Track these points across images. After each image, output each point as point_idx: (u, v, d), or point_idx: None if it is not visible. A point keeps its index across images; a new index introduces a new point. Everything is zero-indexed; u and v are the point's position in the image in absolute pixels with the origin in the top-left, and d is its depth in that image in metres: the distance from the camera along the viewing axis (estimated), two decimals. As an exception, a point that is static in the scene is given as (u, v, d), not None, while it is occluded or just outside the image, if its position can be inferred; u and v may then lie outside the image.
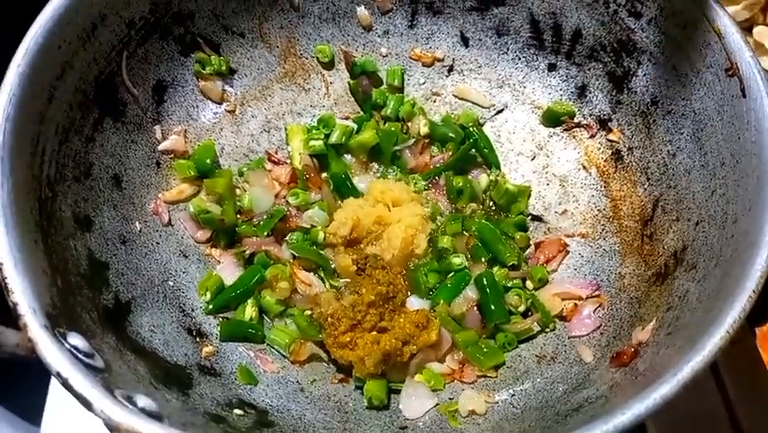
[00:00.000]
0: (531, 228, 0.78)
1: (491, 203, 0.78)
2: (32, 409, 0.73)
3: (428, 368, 0.69)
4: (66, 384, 0.44)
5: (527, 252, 0.77)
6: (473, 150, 0.80)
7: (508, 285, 0.72)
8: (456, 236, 0.75)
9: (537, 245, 0.76)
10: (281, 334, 0.70)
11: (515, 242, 0.76)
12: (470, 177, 0.79)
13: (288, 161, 0.79)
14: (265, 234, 0.74)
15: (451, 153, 0.80)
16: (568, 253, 0.75)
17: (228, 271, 0.73)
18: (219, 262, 0.74)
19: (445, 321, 0.70)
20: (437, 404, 0.67)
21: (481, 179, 0.79)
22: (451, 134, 0.80)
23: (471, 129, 0.81)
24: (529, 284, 0.73)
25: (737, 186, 0.59)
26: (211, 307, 0.70)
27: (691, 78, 0.66)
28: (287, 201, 0.76)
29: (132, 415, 0.43)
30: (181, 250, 0.72)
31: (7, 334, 0.45)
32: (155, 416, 0.47)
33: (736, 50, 0.61)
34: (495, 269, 0.73)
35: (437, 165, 0.79)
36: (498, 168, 0.80)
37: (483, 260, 0.74)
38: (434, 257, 0.74)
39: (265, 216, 0.75)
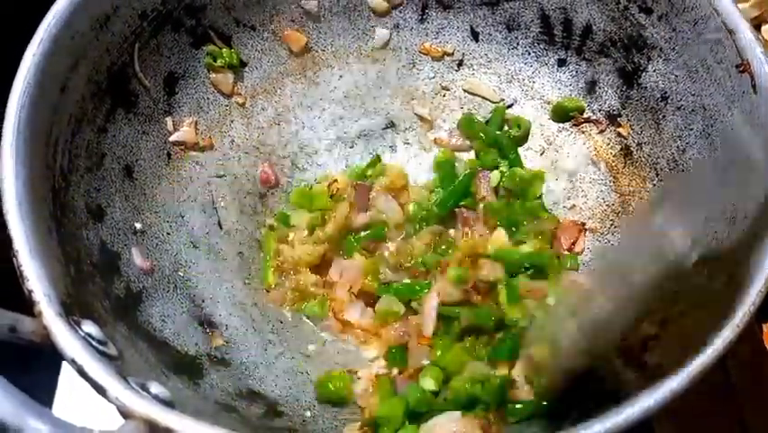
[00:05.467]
0: (540, 222, 0.78)
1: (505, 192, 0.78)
2: (43, 389, 0.74)
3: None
4: (81, 371, 0.45)
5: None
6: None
7: None
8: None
9: (555, 230, 0.76)
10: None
11: (543, 221, 0.75)
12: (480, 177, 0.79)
13: None
14: None
15: None
16: (587, 232, 0.75)
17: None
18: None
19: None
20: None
21: (492, 175, 0.78)
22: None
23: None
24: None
25: (747, 182, 0.59)
26: None
27: (702, 75, 0.66)
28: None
29: (147, 402, 0.44)
30: (192, 241, 0.73)
31: (24, 321, 0.45)
32: (168, 403, 0.48)
33: (747, 47, 0.61)
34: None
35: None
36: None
37: None
38: None
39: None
